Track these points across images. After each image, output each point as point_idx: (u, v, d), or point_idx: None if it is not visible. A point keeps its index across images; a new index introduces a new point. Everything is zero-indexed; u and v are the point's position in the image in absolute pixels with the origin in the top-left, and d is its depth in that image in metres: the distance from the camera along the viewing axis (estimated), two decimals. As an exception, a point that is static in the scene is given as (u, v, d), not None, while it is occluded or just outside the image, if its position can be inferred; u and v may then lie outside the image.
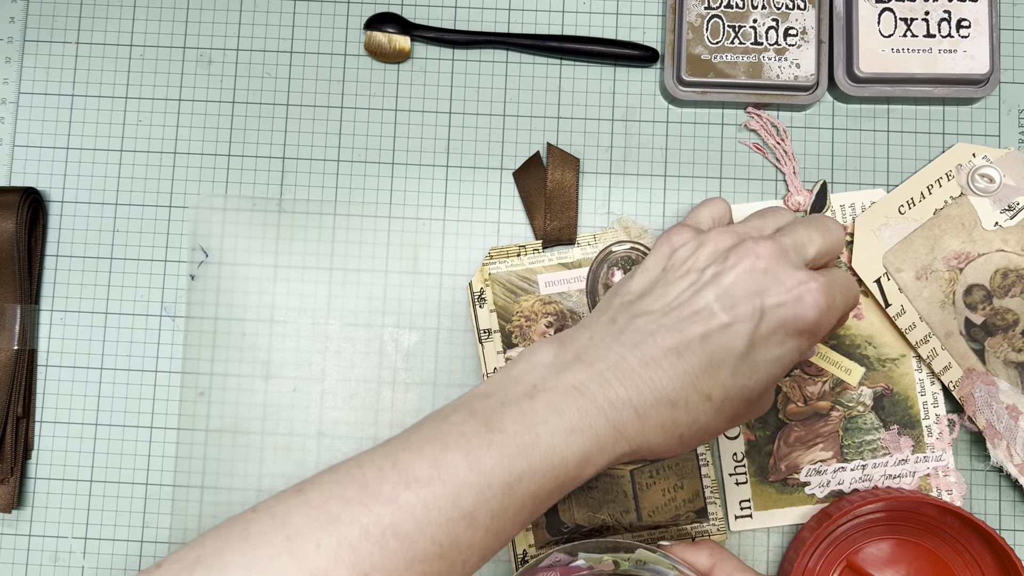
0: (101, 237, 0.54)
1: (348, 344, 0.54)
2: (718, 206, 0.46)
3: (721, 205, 0.46)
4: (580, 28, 0.55)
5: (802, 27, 0.53)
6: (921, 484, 0.52)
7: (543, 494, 0.37)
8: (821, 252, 0.43)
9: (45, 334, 0.54)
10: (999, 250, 0.52)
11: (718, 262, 0.41)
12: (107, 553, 0.53)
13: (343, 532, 0.33)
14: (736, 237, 0.42)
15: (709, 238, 0.42)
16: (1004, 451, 0.50)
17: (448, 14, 0.55)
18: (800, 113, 0.54)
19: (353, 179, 0.54)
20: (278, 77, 0.55)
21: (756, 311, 0.39)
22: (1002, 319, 0.51)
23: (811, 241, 0.42)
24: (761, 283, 0.40)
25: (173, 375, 0.54)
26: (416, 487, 0.35)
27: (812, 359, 0.52)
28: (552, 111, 0.55)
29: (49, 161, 0.55)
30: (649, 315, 0.40)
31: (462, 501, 0.35)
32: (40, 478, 0.53)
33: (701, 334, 0.39)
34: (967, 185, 0.52)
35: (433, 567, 0.35)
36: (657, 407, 0.38)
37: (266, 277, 0.54)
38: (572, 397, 0.38)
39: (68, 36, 0.56)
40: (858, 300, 0.44)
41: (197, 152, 0.55)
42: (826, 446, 0.52)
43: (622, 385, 0.38)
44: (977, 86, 0.53)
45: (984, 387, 0.51)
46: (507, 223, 0.54)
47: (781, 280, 0.40)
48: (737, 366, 0.39)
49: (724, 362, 0.39)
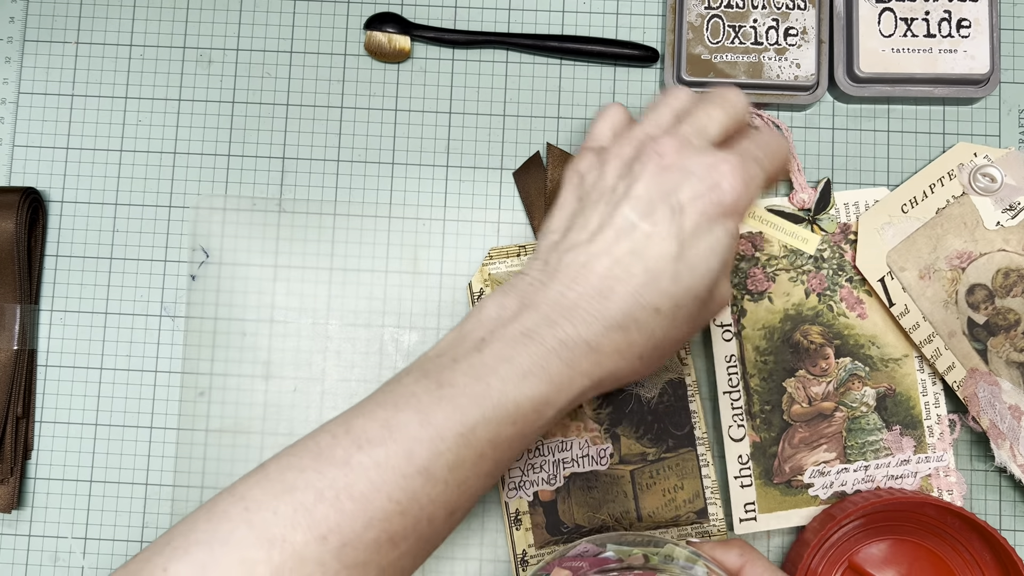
0: (101, 237, 0.54)
1: (348, 344, 0.54)
2: (612, 114, 0.44)
3: (615, 112, 0.44)
4: (580, 28, 0.55)
5: (802, 27, 0.52)
6: (922, 484, 0.51)
7: (503, 441, 0.37)
8: (726, 127, 0.42)
9: (45, 334, 0.54)
10: (1001, 250, 0.52)
11: (625, 176, 0.40)
12: (107, 553, 0.53)
13: (298, 498, 0.34)
14: (636, 143, 0.41)
15: (610, 154, 0.42)
16: (1008, 451, 0.50)
17: (448, 14, 0.55)
18: (800, 113, 0.54)
19: (353, 179, 0.54)
20: (278, 77, 0.55)
21: (675, 209, 0.39)
22: (1004, 319, 0.51)
23: (712, 119, 0.42)
24: (672, 181, 0.39)
25: (173, 375, 0.54)
26: (368, 448, 0.35)
27: (765, 233, 0.51)
28: (552, 111, 0.55)
29: (49, 161, 0.55)
30: (577, 248, 0.40)
31: (416, 457, 0.35)
32: (40, 478, 0.53)
33: (629, 250, 0.39)
34: (969, 184, 0.52)
35: (395, 524, 0.35)
36: (608, 334, 0.38)
37: (266, 277, 0.54)
38: (521, 343, 0.38)
39: (68, 36, 0.56)
40: (786, 154, 0.43)
41: (197, 152, 0.55)
42: (830, 447, 0.52)
43: (569, 322, 0.38)
44: (977, 86, 0.53)
45: (987, 387, 0.51)
46: (507, 223, 0.54)
47: (690, 171, 0.39)
48: (676, 270, 0.39)
49: (661, 271, 0.39)
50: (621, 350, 0.39)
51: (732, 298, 0.46)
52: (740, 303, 0.52)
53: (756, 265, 0.53)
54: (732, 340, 0.52)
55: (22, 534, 0.53)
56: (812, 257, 0.53)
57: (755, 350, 0.52)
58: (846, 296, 0.52)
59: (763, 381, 0.52)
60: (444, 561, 0.52)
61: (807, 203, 0.53)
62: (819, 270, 0.52)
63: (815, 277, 0.52)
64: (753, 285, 0.52)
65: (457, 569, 0.52)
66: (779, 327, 0.52)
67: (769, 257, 0.53)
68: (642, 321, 0.39)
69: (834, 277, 0.52)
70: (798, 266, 0.52)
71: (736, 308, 0.52)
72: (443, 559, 0.52)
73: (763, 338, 0.52)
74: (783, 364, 0.52)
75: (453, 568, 0.52)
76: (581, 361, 0.38)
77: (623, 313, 0.38)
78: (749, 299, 0.52)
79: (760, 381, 0.52)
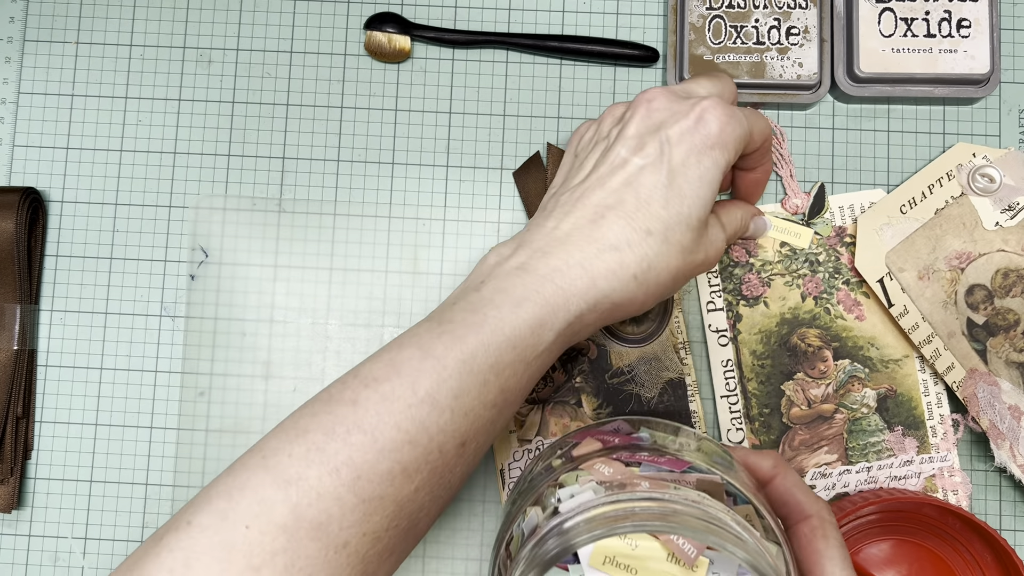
0: (101, 237, 0.54)
1: (348, 344, 0.54)
2: (617, 108, 0.47)
3: (620, 107, 0.47)
4: (580, 28, 0.55)
5: (804, 26, 0.52)
6: (927, 485, 0.51)
7: (504, 367, 0.38)
8: (712, 93, 0.45)
9: (45, 334, 0.54)
10: (1000, 250, 0.52)
11: (618, 124, 0.44)
12: (107, 553, 0.53)
13: (311, 438, 0.35)
14: (627, 104, 0.45)
15: (606, 113, 0.46)
16: (1007, 452, 0.50)
17: (448, 14, 0.55)
18: (800, 113, 0.54)
19: (353, 179, 0.54)
20: (278, 77, 0.55)
21: (664, 142, 0.42)
22: (1003, 319, 0.51)
23: (700, 85, 0.45)
24: (660, 119, 0.43)
25: (173, 375, 0.54)
26: (375, 385, 0.37)
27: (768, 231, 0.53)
28: (552, 111, 0.55)
29: (49, 161, 0.55)
30: (572, 188, 0.43)
31: (419, 387, 0.36)
32: (40, 478, 0.53)
33: (623, 181, 0.42)
34: (968, 185, 0.52)
35: (406, 455, 0.36)
36: (601, 255, 0.40)
37: (266, 277, 0.54)
38: (516, 276, 0.40)
39: (68, 36, 0.56)
40: (768, 125, 0.46)
41: (197, 152, 0.55)
42: (831, 449, 0.52)
43: (562, 249, 0.40)
44: (977, 86, 0.53)
45: (987, 388, 0.51)
46: (507, 223, 0.54)
47: (677, 110, 0.43)
48: (666, 196, 0.41)
49: (652, 197, 0.41)
50: (613, 269, 0.40)
51: (724, 252, 0.49)
52: (735, 308, 0.52)
53: (751, 271, 0.53)
54: (728, 345, 0.52)
55: (22, 534, 0.53)
56: (808, 261, 0.53)
57: (752, 354, 0.52)
58: (843, 299, 0.52)
59: (761, 385, 0.52)
60: (444, 561, 0.52)
61: (800, 208, 0.53)
62: (815, 273, 0.52)
63: (811, 281, 0.52)
64: (748, 290, 0.52)
65: (457, 569, 0.52)
66: (776, 331, 0.52)
67: (764, 262, 0.53)
68: (634, 243, 0.41)
69: (830, 280, 0.52)
70: (793, 270, 0.53)
71: (731, 313, 0.52)
72: (443, 559, 0.52)
73: (760, 342, 0.52)
74: (781, 368, 0.52)
75: (453, 568, 0.52)
76: (575, 282, 0.40)
77: (616, 235, 0.41)
78: (744, 304, 0.52)
79: (758, 385, 0.52)
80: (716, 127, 0.42)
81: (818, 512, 0.39)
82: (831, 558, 0.38)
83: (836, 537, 0.38)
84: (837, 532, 0.39)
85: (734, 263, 0.53)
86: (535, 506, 0.38)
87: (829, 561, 0.37)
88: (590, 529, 0.34)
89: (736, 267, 0.53)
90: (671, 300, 0.53)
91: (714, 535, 0.33)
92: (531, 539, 0.35)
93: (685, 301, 0.53)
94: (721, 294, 0.53)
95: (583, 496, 0.36)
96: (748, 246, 0.53)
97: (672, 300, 0.53)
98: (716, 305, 0.53)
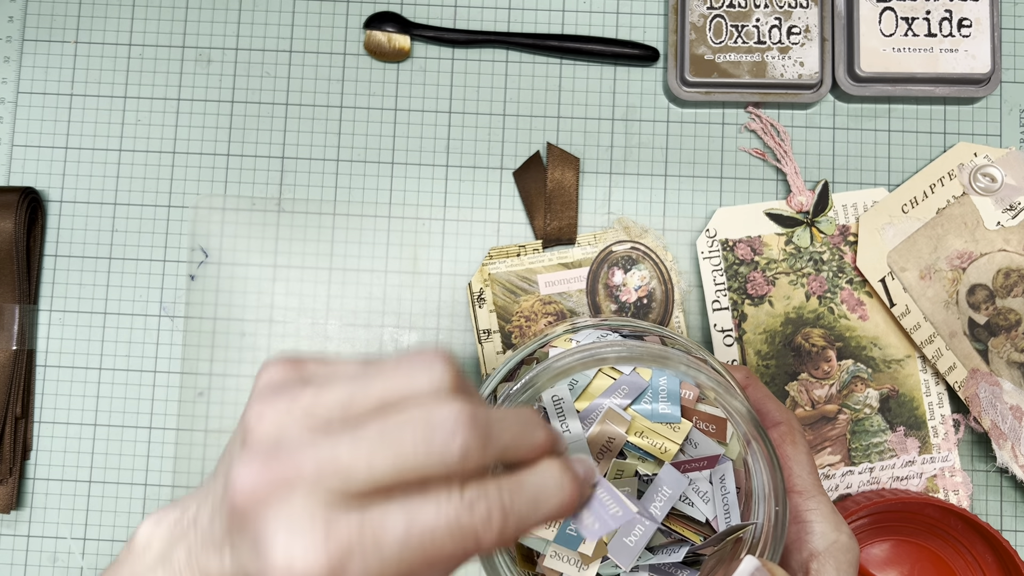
0: (100, 237, 0.54)
1: (348, 344, 0.53)
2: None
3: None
4: (580, 27, 0.55)
5: (805, 25, 0.52)
6: (928, 485, 0.51)
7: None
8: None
9: (44, 334, 0.54)
10: (1001, 250, 0.51)
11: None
12: (106, 553, 0.53)
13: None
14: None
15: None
16: (1009, 452, 0.50)
17: (448, 13, 0.55)
18: (801, 112, 0.54)
19: (353, 179, 0.54)
20: (278, 77, 0.55)
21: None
22: (1005, 319, 0.51)
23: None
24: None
25: (172, 375, 0.54)
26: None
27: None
28: (552, 111, 0.55)
29: (48, 161, 0.55)
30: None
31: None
32: (39, 478, 0.53)
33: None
34: (969, 184, 0.52)
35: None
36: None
37: (266, 277, 0.54)
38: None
39: (67, 36, 0.56)
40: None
41: (197, 152, 0.55)
42: (834, 450, 0.52)
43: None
44: (978, 85, 0.53)
45: (988, 388, 0.50)
46: (507, 223, 0.54)
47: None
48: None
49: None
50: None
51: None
52: (741, 308, 0.52)
53: (756, 269, 0.52)
54: (733, 345, 0.52)
55: (21, 534, 0.53)
56: (812, 260, 0.52)
57: (756, 354, 0.52)
58: (847, 298, 0.52)
59: (765, 386, 0.52)
60: (444, 562, 0.52)
61: (805, 206, 0.53)
62: (819, 272, 0.52)
63: (815, 280, 0.52)
64: (753, 290, 0.52)
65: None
66: (780, 331, 0.52)
67: (768, 261, 0.52)
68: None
69: (834, 279, 0.52)
70: (798, 269, 0.52)
71: (736, 313, 0.52)
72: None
73: (764, 342, 0.52)
74: (785, 368, 0.52)
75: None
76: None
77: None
78: (749, 304, 0.52)
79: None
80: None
81: (787, 420, 0.40)
82: (799, 462, 0.39)
83: (803, 444, 0.39)
84: (804, 439, 0.40)
85: (739, 261, 0.52)
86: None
87: (797, 464, 0.39)
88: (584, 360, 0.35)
89: (742, 265, 0.52)
90: (672, 302, 0.53)
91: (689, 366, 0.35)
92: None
93: (687, 301, 0.53)
94: (727, 293, 0.52)
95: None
96: (754, 244, 0.52)
97: (672, 300, 0.53)
98: (722, 304, 0.52)
